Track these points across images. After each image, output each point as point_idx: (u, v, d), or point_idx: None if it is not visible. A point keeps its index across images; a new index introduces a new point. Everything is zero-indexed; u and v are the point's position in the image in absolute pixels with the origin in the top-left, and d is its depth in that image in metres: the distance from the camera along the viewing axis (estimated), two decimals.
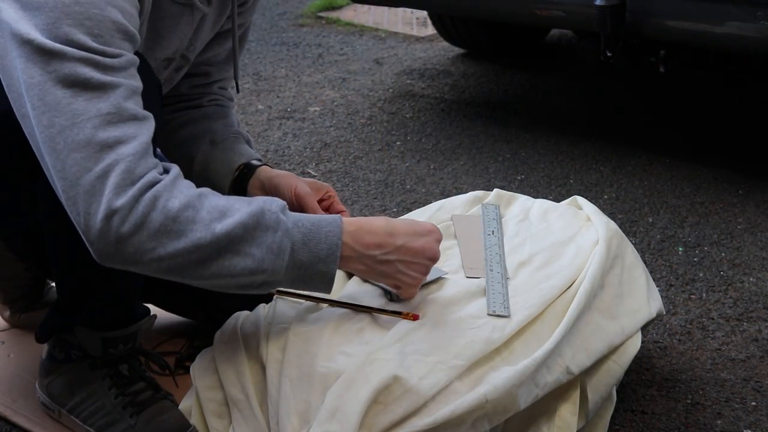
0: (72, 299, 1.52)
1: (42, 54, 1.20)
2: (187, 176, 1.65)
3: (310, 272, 1.31)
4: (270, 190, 1.58)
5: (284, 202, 1.32)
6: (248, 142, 1.69)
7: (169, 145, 1.67)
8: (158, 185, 1.23)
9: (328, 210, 1.60)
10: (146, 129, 1.25)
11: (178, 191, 1.24)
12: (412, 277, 1.40)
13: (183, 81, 1.65)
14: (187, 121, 1.67)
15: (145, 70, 1.37)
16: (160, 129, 1.43)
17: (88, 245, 1.23)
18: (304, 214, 1.33)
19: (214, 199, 1.26)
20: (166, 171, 1.28)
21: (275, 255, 1.27)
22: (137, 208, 1.20)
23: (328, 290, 1.35)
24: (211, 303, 1.71)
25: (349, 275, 1.57)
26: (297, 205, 1.54)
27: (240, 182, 1.61)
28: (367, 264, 1.36)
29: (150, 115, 1.28)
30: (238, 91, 1.68)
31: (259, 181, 1.60)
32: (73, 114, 1.20)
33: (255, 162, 1.63)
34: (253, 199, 1.29)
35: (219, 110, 1.71)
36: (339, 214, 1.37)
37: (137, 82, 1.27)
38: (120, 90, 1.23)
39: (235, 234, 1.25)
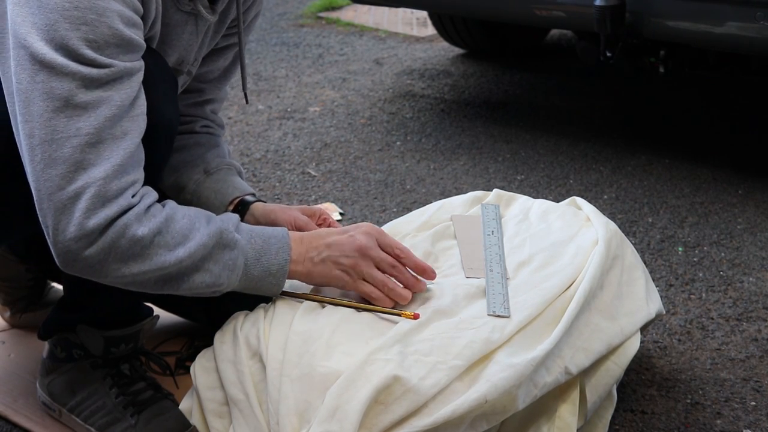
0: (77, 296, 1.53)
1: (33, 62, 1.23)
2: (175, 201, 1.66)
3: (260, 284, 1.42)
4: (267, 225, 1.60)
5: (238, 218, 1.40)
6: (240, 174, 1.71)
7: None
8: (129, 213, 1.27)
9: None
10: (123, 148, 1.27)
11: (146, 219, 1.29)
12: (347, 271, 1.43)
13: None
14: (179, 147, 1.67)
15: (161, 66, 1.40)
16: (176, 127, 1.46)
17: (53, 253, 1.28)
18: (256, 229, 1.41)
19: (179, 223, 1.32)
20: (143, 194, 1.31)
21: (230, 270, 1.36)
22: (107, 234, 1.26)
23: (276, 294, 1.45)
24: (213, 305, 1.72)
25: None
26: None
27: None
28: (308, 267, 1.43)
29: (130, 129, 1.28)
30: (247, 102, 1.70)
31: (254, 218, 1.62)
32: (53, 130, 1.23)
33: (249, 198, 1.65)
34: (211, 219, 1.36)
35: (211, 139, 1.72)
36: (285, 228, 1.44)
37: (128, 91, 1.28)
38: (102, 108, 1.25)
39: (196, 255, 1.32)
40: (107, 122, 1.25)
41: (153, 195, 1.32)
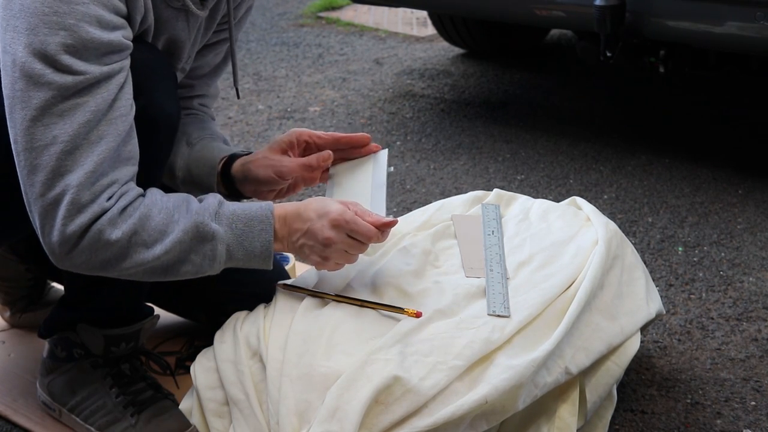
0: (79, 294, 1.53)
1: (13, 69, 1.26)
2: (171, 186, 1.65)
3: (248, 265, 1.42)
4: (246, 178, 1.58)
5: (217, 203, 1.38)
6: (225, 142, 1.68)
7: None
8: (102, 218, 1.29)
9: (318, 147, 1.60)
10: (97, 153, 1.29)
11: (121, 221, 1.31)
12: (315, 261, 1.45)
13: None
14: None
15: (160, 61, 1.41)
16: (177, 122, 1.46)
17: (46, 251, 1.33)
18: (239, 210, 1.39)
19: (155, 220, 1.33)
20: (121, 194, 1.32)
21: (211, 260, 1.37)
22: (84, 240, 1.29)
23: (269, 269, 1.43)
24: (214, 305, 1.72)
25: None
26: (283, 179, 1.57)
27: (226, 177, 1.61)
28: (289, 248, 1.44)
29: (106, 133, 1.29)
30: (238, 97, 1.69)
31: (241, 173, 1.59)
32: (32, 138, 1.27)
33: (231, 158, 1.61)
34: (189, 210, 1.36)
35: (195, 118, 1.70)
36: (271, 202, 1.42)
37: (105, 95, 1.29)
38: (78, 115, 1.27)
39: (173, 250, 1.34)
40: (82, 128, 1.27)
41: (132, 193, 1.33)
